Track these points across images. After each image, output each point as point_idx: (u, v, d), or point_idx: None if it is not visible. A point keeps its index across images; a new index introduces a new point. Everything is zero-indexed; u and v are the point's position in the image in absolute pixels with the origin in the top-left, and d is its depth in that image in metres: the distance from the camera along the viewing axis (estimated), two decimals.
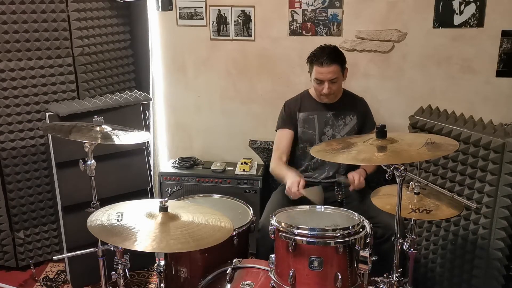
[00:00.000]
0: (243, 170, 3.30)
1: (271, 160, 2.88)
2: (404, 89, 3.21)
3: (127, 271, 2.18)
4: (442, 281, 2.70)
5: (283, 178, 2.69)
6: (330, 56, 2.64)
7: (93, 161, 2.25)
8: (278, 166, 2.79)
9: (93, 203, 2.30)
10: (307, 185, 2.79)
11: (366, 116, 2.89)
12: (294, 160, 2.91)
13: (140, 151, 3.08)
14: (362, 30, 3.17)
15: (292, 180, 2.56)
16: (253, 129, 3.50)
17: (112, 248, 2.12)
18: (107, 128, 2.35)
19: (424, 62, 3.13)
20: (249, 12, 3.31)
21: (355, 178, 2.62)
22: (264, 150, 3.36)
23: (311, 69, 2.73)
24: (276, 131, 2.92)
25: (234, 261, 2.19)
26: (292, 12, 3.25)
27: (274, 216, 2.10)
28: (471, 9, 2.97)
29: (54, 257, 2.20)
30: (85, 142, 2.21)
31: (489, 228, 2.43)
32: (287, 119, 2.86)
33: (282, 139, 2.85)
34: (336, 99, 2.81)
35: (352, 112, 2.83)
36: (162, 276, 2.22)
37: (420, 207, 2.15)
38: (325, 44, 2.75)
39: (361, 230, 2.01)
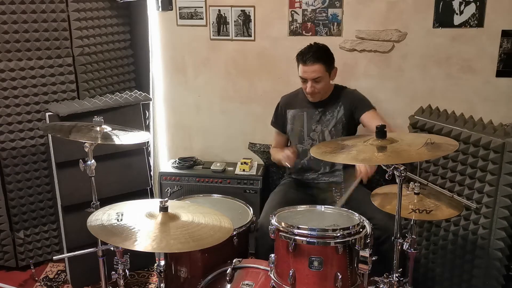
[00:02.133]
0: (243, 170, 3.30)
1: (271, 149, 3.10)
2: (404, 89, 3.21)
3: (127, 271, 2.18)
4: (442, 281, 2.70)
5: (279, 161, 2.86)
6: (315, 55, 2.63)
7: (93, 161, 2.25)
8: (275, 151, 2.97)
9: (93, 203, 2.30)
10: (307, 186, 2.81)
11: (354, 102, 2.81)
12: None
13: (140, 151, 3.08)
14: (362, 30, 3.17)
15: (282, 153, 2.75)
16: (253, 129, 3.50)
17: (112, 248, 2.12)
18: (107, 128, 2.35)
19: (424, 62, 3.13)
20: (249, 12, 3.31)
21: (362, 170, 2.56)
22: (264, 153, 3.37)
23: (298, 67, 2.73)
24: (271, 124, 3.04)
25: (234, 261, 2.19)
26: (292, 12, 3.25)
27: (274, 216, 2.09)
28: (471, 9, 2.97)
29: (54, 257, 2.20)
30: (85, 142, 2.21)
31: (489, 228, 2.43)
32: (277, 119, 2.96)
33: (276, 138, 3.04)
34: (323, 98, 2.80)
35: (338, 103, 2.81)
36: (162, 276, 2.22)
37: (420, 207, 2.15)
38: (314, 43, 2.74)
39: (361, 230, 2.01)
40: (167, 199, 1.99)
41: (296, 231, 1.97)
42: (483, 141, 2.40)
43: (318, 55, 2.64)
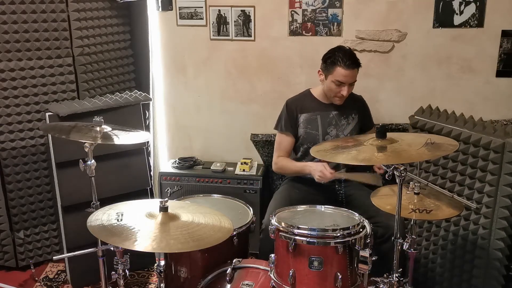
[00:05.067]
0: (243, 170, 3.30)
1: (275, 159, 2.89)
2: (404, 89, 3.21)
3: (127, 271, 2.18)
4: (442, 281, 2.70)
5: (302, 169, 2.74)
6: (354, 59, 2.64)
7: (93, 161, 2.25)
8: (287, 161, 2.84)
9: (93, 203, 2.30)
10: (309, 184, 2.81)
11: (365, 115, 2.91)
12: (296, 161, 2.91)
13: (140, 151, 3.08)
14: (362, 30, 3.17)
15: (318, 166, 2.62)
16: (253, 129, 3.49)
17: (112, 248, 2.12)
18: (107, 128, 2.35)
19: (424, 62, 3.13)
20: (249, 12, 3.31)
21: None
22: (266, 143, 3.33)
23: (329, 70, 2.66)
24: (274, 129, 2.90)
25: (234, 261, 2.19)
26: (292, 12, 3.25)
27: (274, 216, 2.10)
28: (471, 9, 2.97)
29: (54, 257, 2.20)
30: (85, 142, 2.21)
31: (489, 228, 2.43)
32: (288, 122, 2.83)
33: (283, 143, 2.86)
34: None
35: (354, 110, 2.84)
36: (162, 276, 2.22)
37: (420, 207, 2.15)
38: (342, 46, 2.75)
39: (361, 230, 2.02)
40: (167, 199, 1.99)
41: (296, 231, 1.97)
42: (483, 141, 2.40)
43: (356, 60, 2.66)
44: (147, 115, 3.33)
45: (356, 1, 3.14)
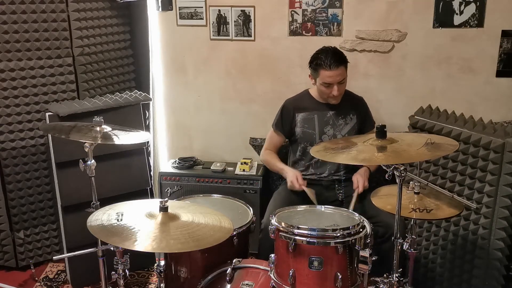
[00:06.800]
0: (243, 170, 3.30)
1: (263, 150, 3.04)
2: (404, 89, 3.21)
3: (127, 271, 2.18)
4: (442, 281, 2.70)
5: (280, 171, 2.87)
6: (336, 58, 2.64)
7: (93, 161, 2.25)
8: (272, 158, 2.96)
9: (93, 203, 2.30)
10: (309, 184, 2.81)
11: (365, 115, 2.91)
12: (294, 160, 2.92)
13: (140, 151, 3.08)
14: (362, 30, 3.17)
15: (291, 175, 2.72)
16: (253, 129, 3.50)
17: (112, 248, 2.12)
18: (107, 128, 2.35)
19: (424, 62, 3.13)
20: (249, 12, 3.31)
21: (359, 183, 2.64)
22: None
23: (316, 73, 2.71)
24: (272, 126, 2.98)
25: (234, 261, 2.19)
26: (292, 12, 3.25)
27: (274, 216, 2.10)
28: (471, 9, 2.97)
29: (54, 257, 2.21)
30: (85, 142, 2.21)
31: (489, 228, 2.43)
32: (281, 122, 2.90)
33: (272, 139, 2.99)
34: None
35: (352, 111, 2.84)
36: (162, 276, 2.22)
37: (420, 206, 2.15)
38: (324, 47, 2.75)
39: (361, 230, 2.01)
40: (167, 199, 1.99)
41: (296, 231, 1.97)
42: (483, 141, 2.40)
43: (339, 58, 2.66)
44: (147, 115, 3.33)
45: (356, 1, 3.14)
